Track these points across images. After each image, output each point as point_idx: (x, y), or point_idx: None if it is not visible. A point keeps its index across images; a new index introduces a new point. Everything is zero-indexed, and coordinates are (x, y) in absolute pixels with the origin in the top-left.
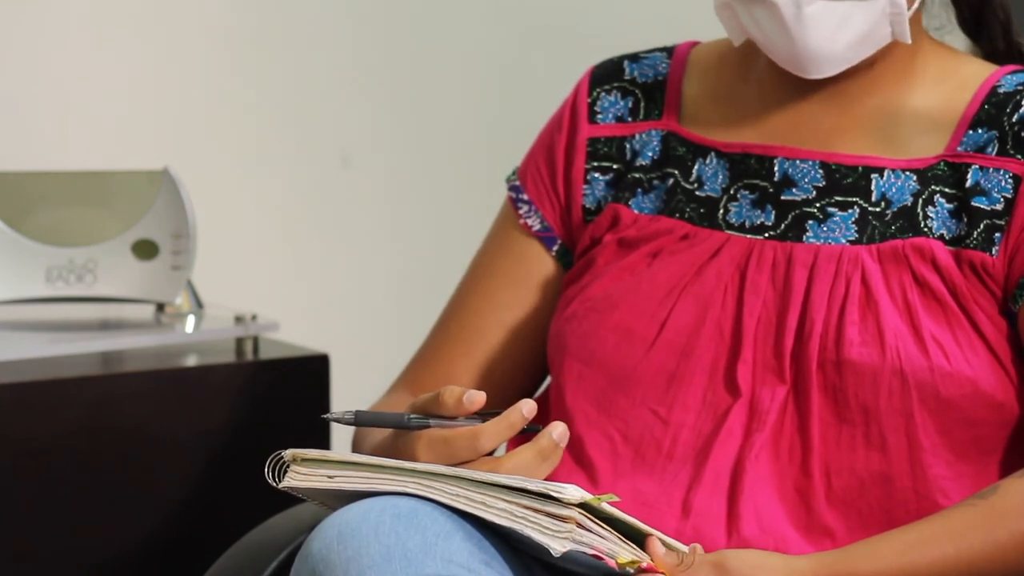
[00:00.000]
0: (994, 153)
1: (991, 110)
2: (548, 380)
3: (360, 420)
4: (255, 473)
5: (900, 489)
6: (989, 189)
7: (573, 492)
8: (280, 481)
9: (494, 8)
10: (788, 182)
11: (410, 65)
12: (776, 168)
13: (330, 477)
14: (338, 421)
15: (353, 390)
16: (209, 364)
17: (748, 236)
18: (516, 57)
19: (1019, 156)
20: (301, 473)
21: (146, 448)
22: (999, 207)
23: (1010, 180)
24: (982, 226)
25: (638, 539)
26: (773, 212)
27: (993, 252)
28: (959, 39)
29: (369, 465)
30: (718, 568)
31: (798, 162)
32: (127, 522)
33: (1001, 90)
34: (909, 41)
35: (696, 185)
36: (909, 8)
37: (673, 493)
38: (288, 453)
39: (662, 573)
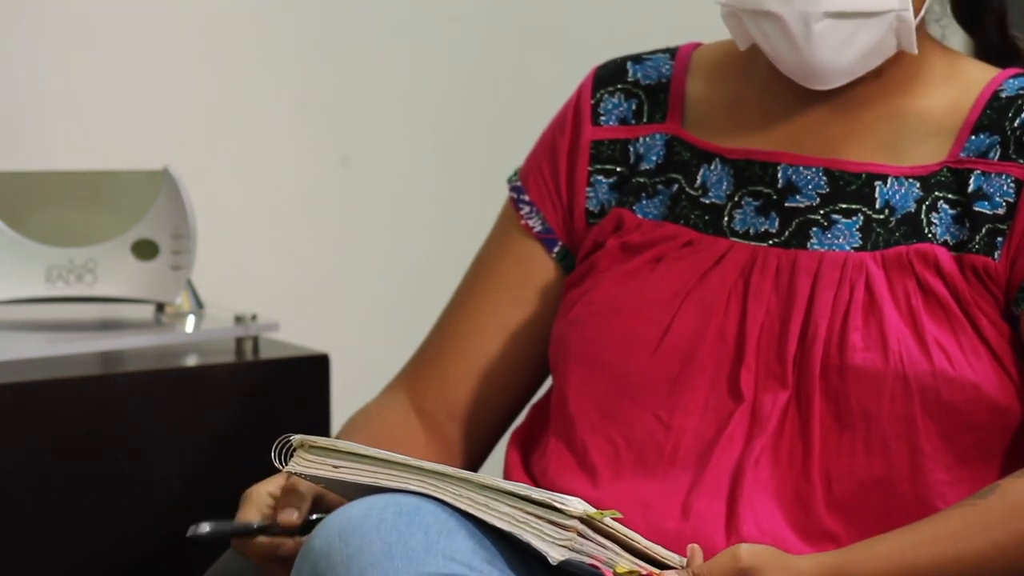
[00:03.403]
0: (996, 158)
1: (993, 115)
2: (548, 382)
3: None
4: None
5: (900, 494)
6: (991, 194)
7: (576, 505)
8: (285, 465)
9: (494, 7)
10: (792, 189)
11: (410, 65)
12: (779, 175)
13: (335, 467)
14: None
15: (353, 390)
16: (209, 364)
17: (752, 243)
18: (517, 57)
19: (1021, 161)
20: (307, 460)
21: (146, 448)
22: (1001, 211)
23: (1012, 185)
24: (984, 230)
25: (638, 552)
26: (777, 219)
27: (995, 256)
28: (957, 34)
29: (376, 459)
30: (735, 561)
31: (801, 168)
32: (127, 522)
33: (1003, 94)
34: (916, 51)
35: (701, 192)
36: (915, 18)
37: (673, 495)
38: (296, 438)
39: None
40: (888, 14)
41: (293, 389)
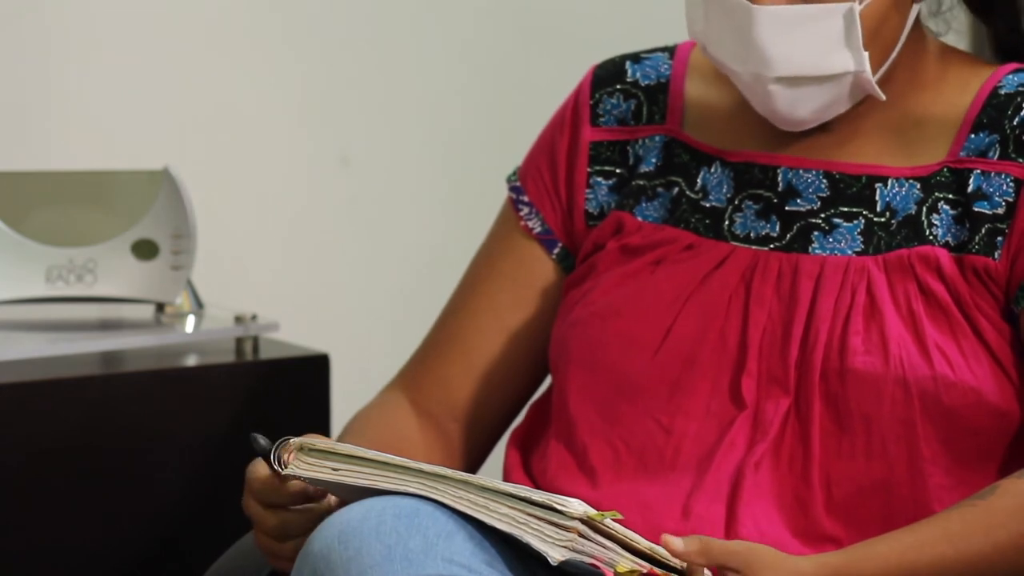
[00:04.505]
0: (995, 157)
1: (992, 112)
2: (547, 382)
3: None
4: None
5: (899, 498)
6: (991, 193)
7: (577, 507)
8: (285, 468)
9: (494, 7)
10: (792, 192)
11: (410, 65)
12: (780, 178)
13: (335, 470)
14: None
15: (353, 390)
16: (209, 364)
17: (753, 247)
18: (517, 56)
19: (1020, 160)
20: (306, 462)
21: (146, 448)
22: (1000, 211)
23: (1011, 184)
24: (984, 230)
25: (639, 553)
26: (778, 223)
27: (995, 256)
28: (962, 38)
29: (375, 462)
30: (736, 547)
31: (802, 171)
32: (127, 522)
33: (1002, 91)
34: (884, 99)
35: (701, 195)
36: (883, 64)
37: (673, 498)
38: (295, 441)
39: None
40: (844, 76)
41: (293, 389)
